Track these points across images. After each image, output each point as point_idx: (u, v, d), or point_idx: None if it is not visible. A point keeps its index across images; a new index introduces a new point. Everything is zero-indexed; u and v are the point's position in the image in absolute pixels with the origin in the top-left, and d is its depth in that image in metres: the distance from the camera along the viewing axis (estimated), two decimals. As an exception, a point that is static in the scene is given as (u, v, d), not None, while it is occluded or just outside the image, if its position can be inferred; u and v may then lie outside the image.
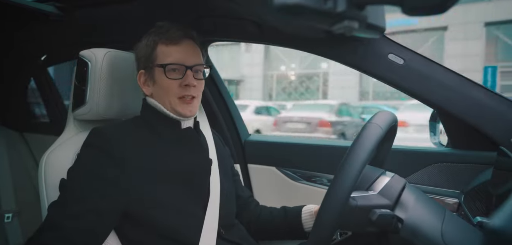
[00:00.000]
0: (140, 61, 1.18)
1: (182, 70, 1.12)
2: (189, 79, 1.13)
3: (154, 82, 1.15)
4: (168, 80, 1.12)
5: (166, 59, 1.13)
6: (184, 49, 1.14)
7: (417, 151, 1.48)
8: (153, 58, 1.14)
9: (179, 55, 1.13)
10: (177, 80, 1.12)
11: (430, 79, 1.28)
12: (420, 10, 0.47)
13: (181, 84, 1.12)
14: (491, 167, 1.12)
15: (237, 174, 1.42)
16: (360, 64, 1.35)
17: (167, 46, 1.14)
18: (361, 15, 0.55)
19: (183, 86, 1.12)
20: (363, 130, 0.88)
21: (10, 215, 2.00)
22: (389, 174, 0.97)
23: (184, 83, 1.12)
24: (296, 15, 0.50)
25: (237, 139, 1.82)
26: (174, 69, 1.12)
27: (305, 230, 1.26)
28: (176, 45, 1.14)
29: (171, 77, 1.12)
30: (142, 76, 1.17)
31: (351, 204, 0.87)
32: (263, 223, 1.33)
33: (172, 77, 1.12)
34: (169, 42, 1.14)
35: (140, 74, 1.18)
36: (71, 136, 1.27)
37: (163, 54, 1.13)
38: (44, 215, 1.18)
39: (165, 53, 1.13)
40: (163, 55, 1.13)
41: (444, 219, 0.88)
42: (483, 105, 1.23)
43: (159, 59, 1.14)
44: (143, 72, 1.17)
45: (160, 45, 1.14)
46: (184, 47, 1.15)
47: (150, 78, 1.16)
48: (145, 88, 1.18)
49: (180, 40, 1.14)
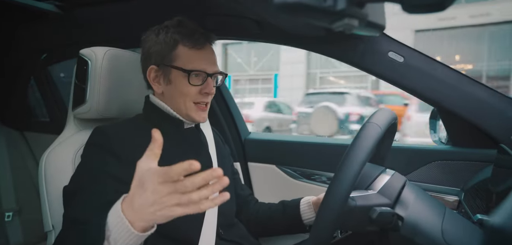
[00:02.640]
0: (152, 56, 1.12)
1: (203, 77, 1.11)
2: (209, 87, 1.12)
3: (168, 82, 1.11)
4: (189, 85, 1.09)
5: (189, 64, 1.09)
6: (206, 55, 1.12)
7: (417, 149, 1.48)
8: (172, 57, 1.10)
9: (202, 62, 1.10)
10: (197, 87, 1.10)
11: (430, 76, 1.28)
12: (420, 8, 0.47)
13: (201, 90, 1.11)
14: (491, 165, 1.12)
15: (237, 172, 1.42)
16: (360, 62, 1.35)
17: (190, 49, 1.10)
18: (361, 13, 0.55)
19: (203, 93, 1.11)
20: (362, 130, 0.88)
21: (10, 214, 2.00)
22: (389, 172, 0.97)
23: (204, 90, 1.11)
24: (296, 13, 0.50)
25: (237, 137, 1.82)
26: (197, 75, 1.10)
27: (304, 222, 1.26)
28: (200, 50, 1.11)
29: (194, 83, 1.10)
30: (152, 72, 1.13)
31: (350, 205, 0.87)
32: (262, 219, 1.33)
33: (195, 84, 1.10)
34: (192, 46, 1.10)
35: (150, 69, 1.13)
36: (71, 134, 1.27)
37: (186, 57, 1.09)
38: (45, 213, 1.18)
39: (188, 57, 1.09)
40: (186, 58, 1.09)
41: (444, 217, 0.88)
42: (483, 102, 1.24)
43: (181, 62, 1.09)
44: (155, 68, 1.12)
45: (181, 46, 1.10)
46: (206, 53, 1.12)
47: (164, 76, 1.12)
48: (155, 85, 1.14)
49: (204, 45, 1.12)
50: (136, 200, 0.76)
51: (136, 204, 0.76)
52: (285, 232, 1.35)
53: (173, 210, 0.73)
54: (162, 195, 0.72)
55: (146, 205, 0.74)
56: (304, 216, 1.26)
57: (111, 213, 0.81)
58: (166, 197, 0.72)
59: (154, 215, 0.74)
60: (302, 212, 1.26)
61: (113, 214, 0.80)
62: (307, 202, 1.27)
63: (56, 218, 1.16)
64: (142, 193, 0.75)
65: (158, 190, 0.73)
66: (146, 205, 0.74)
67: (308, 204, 1.26)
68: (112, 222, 0.80)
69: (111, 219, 0.80)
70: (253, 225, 1.33)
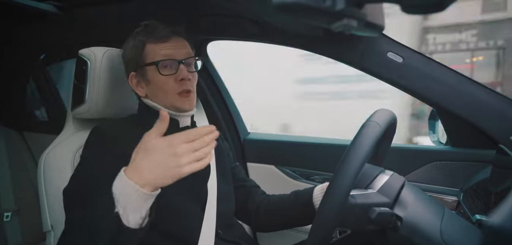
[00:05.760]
0: (129, 63, 1.18)
1: (175, 65, 1.13)
2: (183, 72, 1.13)
3: (147, 82, 1.15)
4: (162, 77, 1.12)
5: (156, 57, 1.12)
6: (173, 44, 1.15)
7: (416, 149, 1.48)
8: (143, 58, 1.14)
9: (169, 51, 1.13)
10: (171, 76, 1.12)
11: (429, 77, 1.28)
12: (419, 8, 0.47)
13: (176, 79, 1.12)
14: (490, 165, 1.12)
15: (237, 166, 1.41)
16: (359, 62, 1.35)
17: (156, 44, 1.13)
18: (360, 13, 0.55)
19: (179, 81, 1.12)
20: (362, 128, 0.88)
21: (9, 214, 2.00)
22: (388, 173, 0.97)
23: (179, 77, 1.12)
24: (295, 13, 0.50)
25: (236, 138, 1.82)
26: (166, 66, 1.12)
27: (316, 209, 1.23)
28: (165, 42, 1.14)
29: (165, 73, 1.12)
30: (133, 78, 1.17)
31: (350, 202, 0.87)
32: (273, 208, 1.30)
33: (166, 73, 1.12)
34: (157, 40, 1.14)
35: (131, 76, 1.17)
36: (70, 134, 1.27)
37: (153, 52, 1.13)
38: (44, 213, 1.18)
39: (155, 51, 1.13)
40: (153, 53, 1.13)
41: (443, 217, 0.88)
42: (482, 103, 1.24)
43: (150, 57, 1.13)
44: (134, 74, 1.17)
45: (148, 44, 1.14)
46: (173, 43, 1.15)
47: (142, 78, 1.16)
48: (138, 90, 1.17)
49: (168, 37, 1.14)
50: (143, 163, 0.83)
51: (143, 167, 0.83)
52: (296, 223, 1.31)
53: (177, 171, 0.83)
54: (167, 155, 0.82)
55: (153, 166, 0.82)
56: (317, 203, 1.22)
57: (116, 184, 0.83)
58: (180, 157, 0.82)
59: (160, 175, 0.83)
60: (315, 199, 1.22)
61: (118, 183, 0.83)
62: (321, 189, 1.23)
63: (55, 218, 1.16)
64: (148, 157, 0.83)
65: (164, 152, 0.83)
66: (153, 166, 0.82)
67: (322, 190, 1.23)
68: (118, 189, 0.83)
69: (117, 187, 0.83)
70: (262, 215, 1.31)
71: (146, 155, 0.83)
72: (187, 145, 0.83)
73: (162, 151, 0.83)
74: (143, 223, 0.86)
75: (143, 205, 0.84)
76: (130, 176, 0.83)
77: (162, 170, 0.83)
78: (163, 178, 0.83)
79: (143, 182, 0.82)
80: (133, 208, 0.82)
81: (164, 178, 0.83)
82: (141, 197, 0.82)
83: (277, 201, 1.32)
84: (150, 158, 0.83)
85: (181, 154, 0.83)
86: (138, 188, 0.81)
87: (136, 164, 0.84)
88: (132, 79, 1.17)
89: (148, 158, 0.83)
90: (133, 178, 0.82)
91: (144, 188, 0.82)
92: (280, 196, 1.34)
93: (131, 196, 0.82)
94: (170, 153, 0.82)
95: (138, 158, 0.84)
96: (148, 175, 0.82)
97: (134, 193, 0.82)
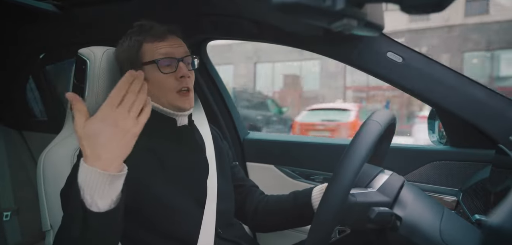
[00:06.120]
0: (123, 64, 1.16)
1: (174, 63, 1.13)
2: (183, 70, 1.13)
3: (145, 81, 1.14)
4: (163, 75, 1.11)
5: (155, 55, 1.12)
6: (170, 43, 1.15)
7: (415, 149, 1.48)
8: (140, 57, 1.13)
9: (168, 49, 1.13)
10: (171, 74, 1.12)
11: (429, 77, 1.28)
12: (419, 8, 0.47)
13: (176, 76, 1.12)
14: (490, 165, 1.12)
15: (237, 166, 1.41)
16: (358, 62, 1.35)
17: (153, 43, 1.13)
18: (360, 13, 0.55)
19: (179, 78, 1.12)
20: (362, 127, 0.88)
21: (8, 213, 2.00)
22: (388, 172, 0.97)
23: (179, 75, 1.12)
24: (295, 13, 0.50)
25: (235, 138, 1.82)
26: (167, 64, 1.12)
27: (315, 210, 1.22)
28: (163, 41, 1.14)
29: (166, 71, 1.11)
30: None
31: (350, 201, 0.87)
32: (272, 207, 1.30)
33: (167, 71, 1.12)
34: (154, 39, 1.13)
35: None
36: (69, 134, 1.27)
37: (151, 51, 1.13)
38: (43, 213, 1.18)
39: (152, 50, 1.13)
40: (151, 52, 1.13)
41: (443, 217, 0.88)
42: (481, 103, 1.24)
43: (148, 56, 1.13)
44: None
45: (145, 44, 1.13)
46: (170, 42, 1.15)
47: None
48: None
49: (165, 35, 1.14)
50: (94, 148, 0.79)
51: (97, 150, 0.79)
52: (294, 224, 1.31)
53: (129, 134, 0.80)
54: (109, 126, 0.78)
55: (105, 144, 0.78)
56: (316, 204, 1.22)
57: (80, 175, 0.80)
58: (122, 121, 0.79)
59: (116, 148, 0.79)
60: (313, 200, 1.22)
61: (81, 173, 0.80)
62: (320, 190, 1.23)
63: (54, 217, 1.16)
64: (94, 139, 0.79)
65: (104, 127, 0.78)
66: (105, 145, 0.78)
67: (320, 191, 1.23)
68: (82, 179, 0.80)
69: (81, 177, 0.80)
70: (261, 215, 1.31)
71: (92, 139, 0.79)
72: (121, 107, 0.79)
73: (102, 128, 0.79)
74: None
75: (111, 189, 0.81)
76: (90, 163, 0.79)
77: (115, 143, 0.79)
78: (120, 149, 0.80)
79: (105, 164, 0.79)
80: (101, 194, 0.80)
81: (122, 148, 0.80)
82: (106, 179, 0.79)
83: (276, 202, 1.32)
84: (97, 140, 0.79)
85: (123, 118, 0.79)
86: (102, 172, 0.79)
87: (89, 152, 0.79)
88: None
89: (95, 141, 0.79)
90: (94, 164, 0.79)
91: (109, 170, 0.79)
92: (279, 196, 1.34)
93: (96, 181, 0.79)
94: (110, 124, 0.79)
95: (87, 147, 0.80)
96: (106, 155, 0.79)
97: (98, 177, 0.79)
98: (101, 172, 0.78)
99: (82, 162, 0.80)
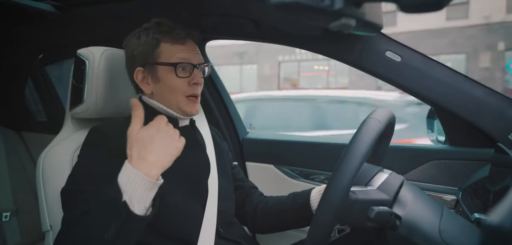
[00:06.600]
0: (136, 58, 1.14)
1: (190, 69, 1.12)
2: (197, 77, 1.13)
3: (156, 80, 1.13)
4: (177, 79, 1.11)
5: (173, 58, 1.11)
6: (189, 48, 1.14)
7: (414, 148, 1.48)
8: (156, 55, 1.12)
9: (186, 54, 1.13)
10: (185, 79, 1.12)
11: (427, 76, 1.28)
12: (416, 7, 0.47)
13: (189, 82, 1.12)
14: (489, 164, 1.12)
15: (237, 166, 1.41)
16: (357, 61, 1.35)
17: (172, 45, 1.12)
18: (358, 13, 0.55)
19: (192, 84, 1.13)
20: (363, 124, 0.88)
21: (8, 214, 1.99)
22: (387, 172, 0.97)
23: (193, 81, 1.13)
24: (294, 12, 0.50)
25: (235, 137, 1.82)
26: (182, 68, 1.12)
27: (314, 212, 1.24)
28: (182, 45, 1.13)
29: (181, 75, 1.11)
30: (139, 74, 1.14)
31: (351, 198, 0.87)
32: (270, 208, 1.31)
33: (182, 76, 1.11)
34: (174, 41, 1.13)
35: (137, 71, 1.14)
36: (68, 134, 1.27)
37: (169, 52, 1.12)
38: (42, 213, 1.18)
39: (170, 52, 1.12)
40: (169, 53, 1.12)
41: (442, 216, 0.88)
42: (480, 102, 1.24)
43: (165, 57, 1.12)
44: (141, 69, 1.14)
45: (164, 43, 1.12)
46: (188, 46, 1.15)
47: (151, 76, 1.14)
48: (144, 86, 1.15)
49: (185, 39, 1.14)
50: (144, 152, 0.89)
51: (145, 154, 0.89)
52: (293, 225, 1.32)
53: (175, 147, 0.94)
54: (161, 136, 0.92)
55: (154, 150, 0.90)
56: (314, 205, 1.22)
57: (121, 175, 0.87)
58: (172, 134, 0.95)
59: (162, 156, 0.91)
60: (312, 201, 1.23)
61: (123, 174, 0.87)
62: (319, 191, 1.24)
63: (54, 218, 1.16)
64: (146, 144, 0.90)
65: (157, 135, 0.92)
66: (154, 150, 0.90)
67: (319, 192, 1.23)
68: (124, 180, 0.86)
69: (123, 178, 0.87)
70: (260, 216, 1.31)
71: (144, 144, 0.90)
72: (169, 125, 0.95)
73: (156, 136, 0.91)
74: (147, 213, 0.88)
75: (148, 195, 0.87)
76: (135, 165, 0.87)
77: (163, 151, 0.90)
78: (165, 157, 0.91)
79: (148, 169, 0.87)
80: (139, 198, 0.86)
81: (167, 157, 0.91)
82: (147, 185, 0.86)
83: (275, 203, 1.32)
84: (149, 145, 0.89)
85: (173, 133, 0.94)
86: (146, 178, 0.86)
87: (137, 155, 0.88)
88: (138, 75, 1.14)
89: (146, 146, 0.89)
90: (139, 167, 0.87)
91: (150, 175, 0.87)
92: (278, 197, 1.34)
93: (138, 184, 0.86)
94: (163, 134, 0.92)
95: (136, 151, 0.89)
96: (151, 158, 0.88)
97: (141, 181, 0.86)
98: (144, 177, 0.86)
99: (126, 163, 0.89)
